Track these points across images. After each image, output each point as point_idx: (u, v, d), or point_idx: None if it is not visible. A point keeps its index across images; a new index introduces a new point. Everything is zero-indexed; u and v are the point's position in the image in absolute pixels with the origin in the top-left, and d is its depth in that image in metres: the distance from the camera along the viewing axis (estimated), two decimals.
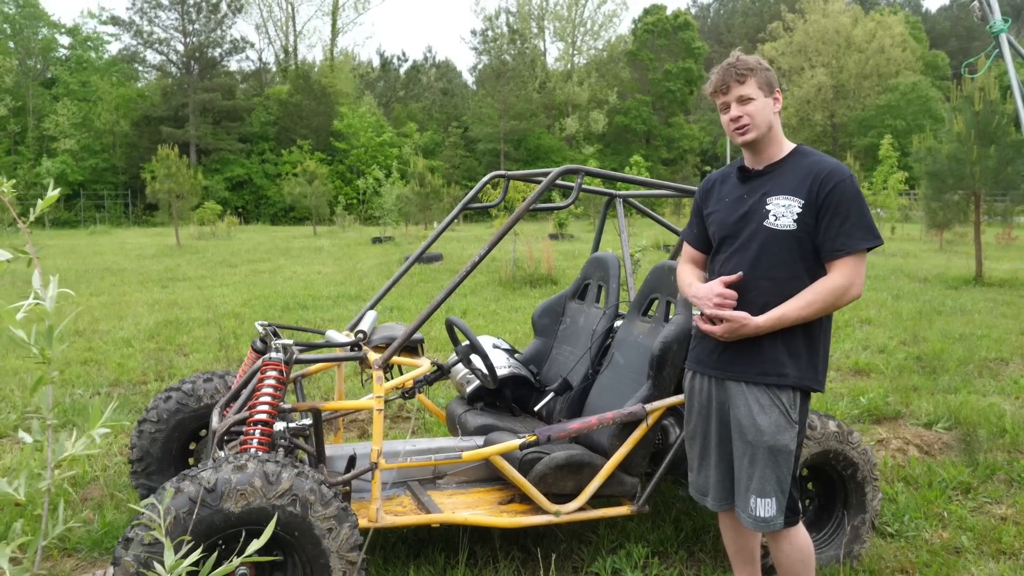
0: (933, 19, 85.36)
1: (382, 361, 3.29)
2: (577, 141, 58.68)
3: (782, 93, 2.80)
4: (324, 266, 17.69)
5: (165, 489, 2.62)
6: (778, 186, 2.71)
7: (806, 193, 2.65)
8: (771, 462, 2.68)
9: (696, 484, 2.98)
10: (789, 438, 2.69)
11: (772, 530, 2.75)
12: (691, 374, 2.94)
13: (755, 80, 2.70)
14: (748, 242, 2.72)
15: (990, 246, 19.35)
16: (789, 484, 2.73)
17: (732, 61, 2.74)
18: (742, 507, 2.76)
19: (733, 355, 2.74)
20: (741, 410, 2.72)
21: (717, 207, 2.87)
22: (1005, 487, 4.65)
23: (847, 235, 2.61)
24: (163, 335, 9.02)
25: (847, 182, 2.64)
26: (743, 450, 2.73)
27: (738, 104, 2.71)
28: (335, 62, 61.70)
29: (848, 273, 2.61)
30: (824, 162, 2.70)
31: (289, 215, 47.64)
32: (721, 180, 2.95)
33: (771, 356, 2.68)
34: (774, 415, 2.68)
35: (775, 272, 2.67)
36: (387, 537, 3.79)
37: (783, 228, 2.65)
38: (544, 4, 63.60)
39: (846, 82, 62.32)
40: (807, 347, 2.71)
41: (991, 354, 7.97)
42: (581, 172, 3.60)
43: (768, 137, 2.75)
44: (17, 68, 47.94)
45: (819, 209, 2.63)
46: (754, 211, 2.72)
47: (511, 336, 8.57)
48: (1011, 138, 13.33)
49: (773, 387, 2.69)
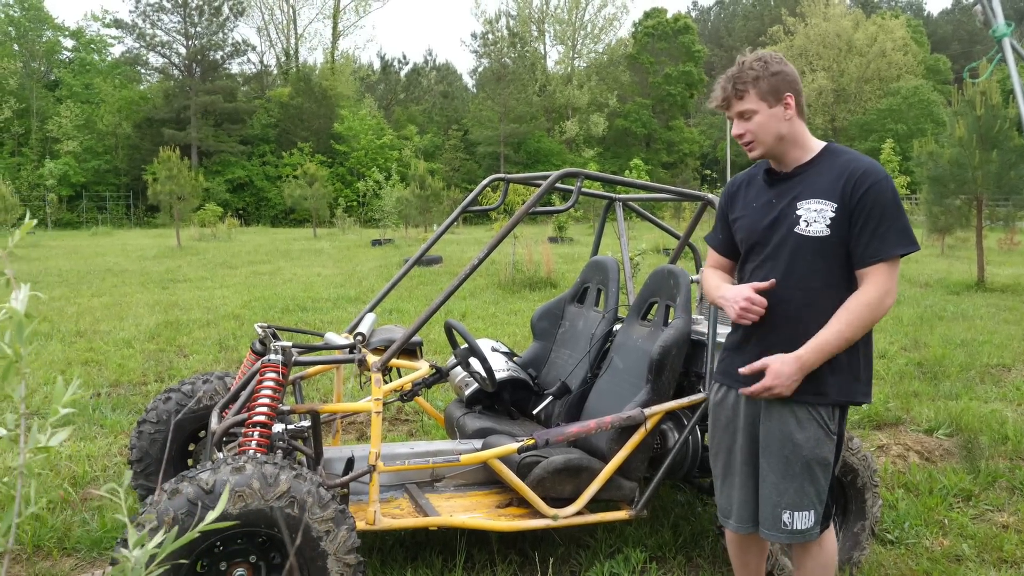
0: (935, 23, 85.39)
1: (381, 363, 3.28)
2: (577, 144, 58.70)
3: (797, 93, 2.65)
4: (324, 268, 17.70)
5: (163, 490, 2.62)
6: (809, 189, 2.55)
7: (839, 196, 2.49)
8: (809, 475, 2.59)
9: (720, 504, 2.87)
10: (828, 450, 2.60)
11: (809, 540, 2.67)
12: (721, 388, 2.81)
13: (756, 92, 2.54)
14: (778, 250, 2.58)
15: (992, 251, 19.34)
16: (827, 494, 2.66)
17: (733, 72, 2.58)
18: (770, 524, 2.65)
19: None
20: (776, 425, 2.60)
21: (744, 212, 2.72)
22: (1007, 495, 4.63)
23: (881, 239, 2.46)
24: (163, 336, 9.01)
25: (883, 183, 2.48)
26: (774, 465, 2.62)
27: (740, 120, 2.59)
28: (336, 65, 61.74)
29: (881, 282, 2.47)
30: (858, 161, 2.54)
31: (289, 217, 47.66)
32: (747, 183, 2.79)
33: (814, 374, 2.54)
34: (812, 428, 2.57)
35: (809, 282, 2.54)
36: (384, 540, 3.78)
37: (816, 234, 2.51)
38: (544, 7, 63.66)
39: (847, 86, 62.38)
40: (848, 360, 2.57)
41: (993, 360, 7.96)
42: (581, 175, 3.59)
43: (784, 145, 2.60)
44: (21, 70, 48.02)
45: (853, 212, 2.47)
46: (784, 216, 2.58)
47: (510, 339, 8.56)
48: (1013, 142, 13.32)
49: (811, 399, 2.57)
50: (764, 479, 2.66)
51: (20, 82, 47.38)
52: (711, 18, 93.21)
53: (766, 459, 2.64)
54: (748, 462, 2.73)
